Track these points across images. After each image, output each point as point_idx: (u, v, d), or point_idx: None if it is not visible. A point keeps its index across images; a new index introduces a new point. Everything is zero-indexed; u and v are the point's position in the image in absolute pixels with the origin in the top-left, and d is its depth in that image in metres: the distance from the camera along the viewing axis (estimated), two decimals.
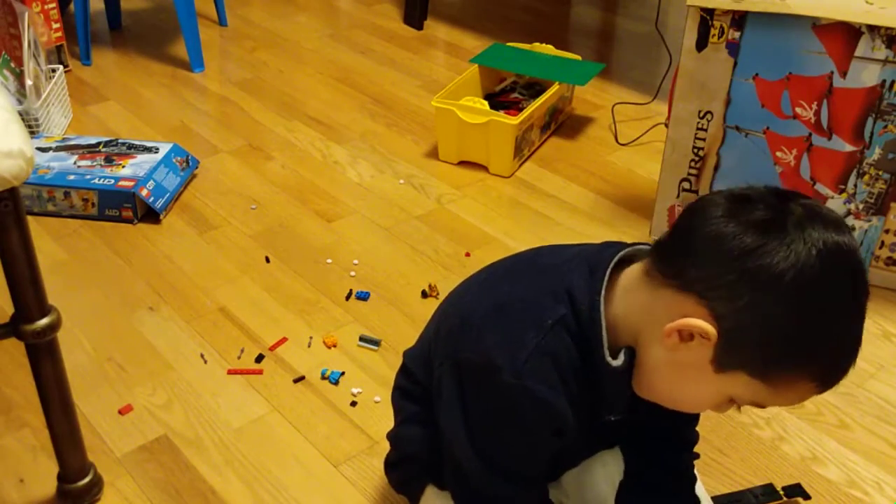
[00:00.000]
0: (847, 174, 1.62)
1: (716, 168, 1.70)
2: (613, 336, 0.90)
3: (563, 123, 2.29)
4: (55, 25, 2.42)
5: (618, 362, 0.90)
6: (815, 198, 0.85)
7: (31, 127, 2.04)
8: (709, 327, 0.82)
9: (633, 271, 0.91)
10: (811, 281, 0.79)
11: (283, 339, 1.54)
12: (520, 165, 2.09)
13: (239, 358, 1.50)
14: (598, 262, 0.92)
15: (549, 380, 0.89)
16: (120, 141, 2.02)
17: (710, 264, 0.82)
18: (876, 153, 1.58)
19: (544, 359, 0.89)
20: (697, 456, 1.13)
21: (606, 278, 0.91)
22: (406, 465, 1.14)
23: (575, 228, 1.86)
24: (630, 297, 0.90)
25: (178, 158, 1.98)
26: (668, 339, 0.85)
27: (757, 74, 1.59)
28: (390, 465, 1.18)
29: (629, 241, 0.97)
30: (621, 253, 0.93)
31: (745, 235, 0.80)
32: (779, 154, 1.64)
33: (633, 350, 0.91)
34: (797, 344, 0.81)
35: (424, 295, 1.65)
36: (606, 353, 0.90)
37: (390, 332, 1.56)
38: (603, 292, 0.90)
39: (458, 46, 2.74)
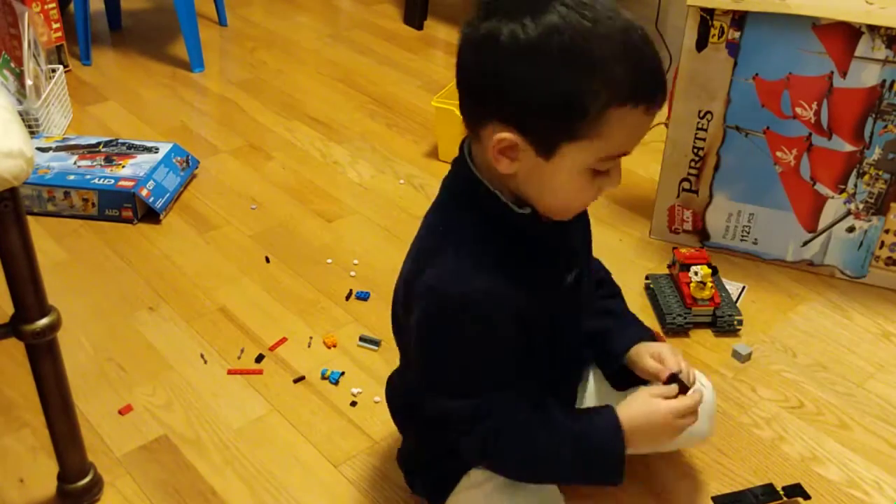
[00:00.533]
0: (847, 174, 1.62)
1: (716, 168, 1.70)
2: (509, 197, 0.97)
3: None
4: (55, 25, 2.42)
5: (525, 210, 0.96)
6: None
7: (31, 127, 2.04)
8: (505, 133, 0.89)
9: (473, 149, 0.98)
10: (537, 33, 0.84)
11: (283, 339, 1.54)
12: None
13: (239, 358, 1.50)
14: (455, 159, 1.00)
15: (486, 276, 0.94)
16: (120, 141, 2.02)
17: (473, 87, 0.91)
18: (876, 153, 1.58)
19: (464, 261, 0.95)
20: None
21: (469, 159, 0.97)
22: (433, 466, 1.14)
23: None
24: (485, 165, 0.96)
25: (178, 158, 1.98)
26: (502, 167, 0.92)
27: (757, 74, 1.59)
28: (413, 473, 1.19)
29: (629, 242, 0.99)
30: (466, 140, 0.99)
31: (473, 47, 0.89)
32: (779, 154, 1.64)
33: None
34: (567, 89, 0.85)
35: None
36: (511, 205, 0.96)
37: (390, 332, 1.55)
38: (475, 171, 0.97)
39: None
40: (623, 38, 0.86)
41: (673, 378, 1.05)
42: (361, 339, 1.53)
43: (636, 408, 1.02)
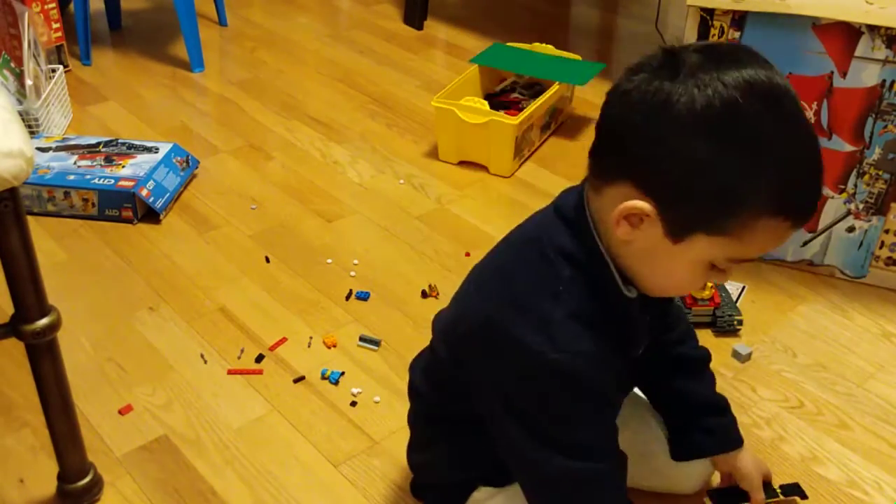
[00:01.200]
0: (847, 174, 1.62)
1: None
2: (616, 268, 0.91)
3: (563, 123, 2.29)
4: (55, 25, 2.42)
5: (632, 294, 0.91)
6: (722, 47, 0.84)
7: (31, 127, 2.04)
8: (641, 203, 0.82)
9: (590, 198, 0.91)
10: (721, 113, 0.77)
11: (283, 339, 1.54)
12: (520, 165, 2.09)
13: (239, 358, 1.50)
14: (568, 207, 0.92)
15: (583, 340, 0.89)
16: (120, 141, 2.02)
17: (625, 142, 0.83)
18: (876, 153, 1.58)
19: (571, 323, 0.88)
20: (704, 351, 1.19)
21: (589, 217, 0.90)
22: (445, 484, 1.14)
23: None
24: (601, 221, 0.90)
25: (178, 158, 1.98)
26: (620, 231, 0.85)
27: None
28: (423, 487, 1.19)
29: None
30: (583, 186, 0.92)
31: (642, 101, 0.80)
32: None
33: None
34: (732, 183, 0.79)
35: (424, 295, 1.65)
36: (622, 285, 0.90)
37: (390, 332, 1.56)
38: (591, 225, 0.90)
39: (458, 46, 2.74)
40: (802, 148, 0.81)
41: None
42: (361, 339, 1.53)
43: None
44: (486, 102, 2.05)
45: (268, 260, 1.75)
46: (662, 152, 0.80)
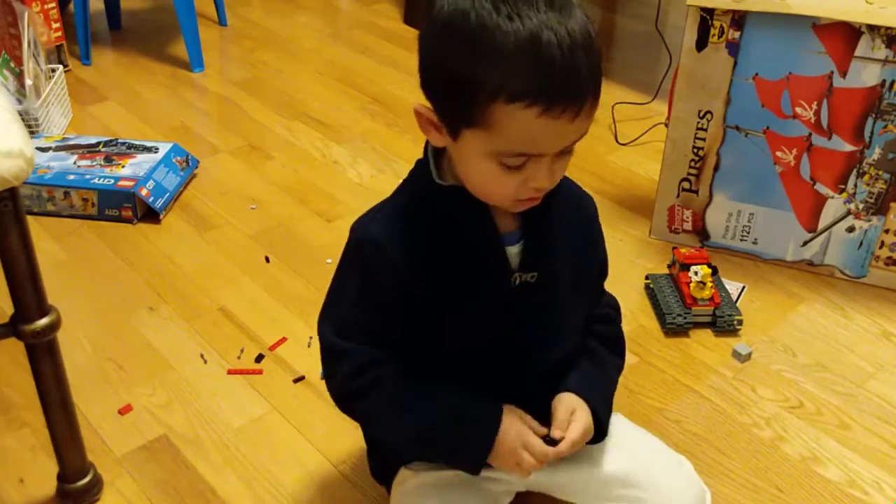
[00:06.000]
0: (847, 174, 1.62)
1: (716, 168, 1.70)
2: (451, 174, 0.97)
3: None
4: (55, 25, 2.42)
5: (446, 181, 0.96)
6: None
7: (31, 127, 2.04)
8: (422, 107, 0.90)
9: None
10: (454, 10, 0.83)
11: (283, 339, 1.54)
12: None
13: (239, 358, 1.50)
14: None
15: (385, 227, 0.97)
16: (120, 141, 2.02)
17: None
18: (876, 153, 1.58)
19: (389, 212, 0.99)
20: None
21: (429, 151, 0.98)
22: (378, 450, 1.17)
23: None
24: None
25: (178, 158, 1.98)
26: (431, 138, 0.93)
27: (757, 74, 1.59)
28: (369, 455, 1.21)
29: (629, 242, 0.98)
30: None
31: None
32: (779, 154, 1.64)
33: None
34: (457, 72, 0.83)
35: None
36: (435, 175, 0.96)
37: None
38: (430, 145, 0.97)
39: None
40: (532, 36, 0.80)
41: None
42: None
43: (505, 421, 0.99)
44: None
45: (267, 260, 1.75)
46: (421, 54, 0.88)
